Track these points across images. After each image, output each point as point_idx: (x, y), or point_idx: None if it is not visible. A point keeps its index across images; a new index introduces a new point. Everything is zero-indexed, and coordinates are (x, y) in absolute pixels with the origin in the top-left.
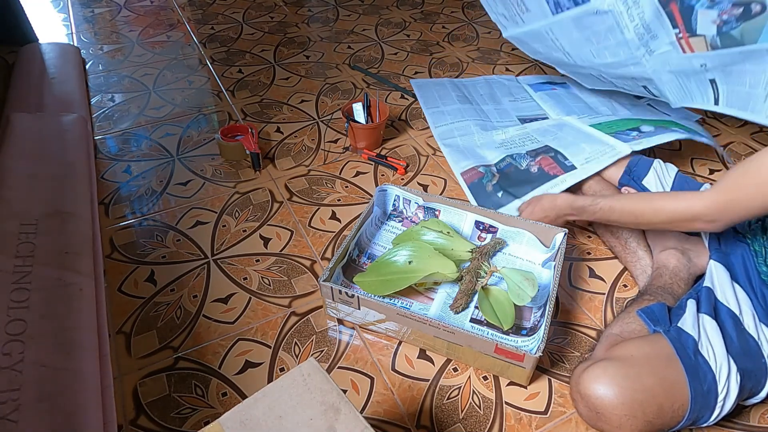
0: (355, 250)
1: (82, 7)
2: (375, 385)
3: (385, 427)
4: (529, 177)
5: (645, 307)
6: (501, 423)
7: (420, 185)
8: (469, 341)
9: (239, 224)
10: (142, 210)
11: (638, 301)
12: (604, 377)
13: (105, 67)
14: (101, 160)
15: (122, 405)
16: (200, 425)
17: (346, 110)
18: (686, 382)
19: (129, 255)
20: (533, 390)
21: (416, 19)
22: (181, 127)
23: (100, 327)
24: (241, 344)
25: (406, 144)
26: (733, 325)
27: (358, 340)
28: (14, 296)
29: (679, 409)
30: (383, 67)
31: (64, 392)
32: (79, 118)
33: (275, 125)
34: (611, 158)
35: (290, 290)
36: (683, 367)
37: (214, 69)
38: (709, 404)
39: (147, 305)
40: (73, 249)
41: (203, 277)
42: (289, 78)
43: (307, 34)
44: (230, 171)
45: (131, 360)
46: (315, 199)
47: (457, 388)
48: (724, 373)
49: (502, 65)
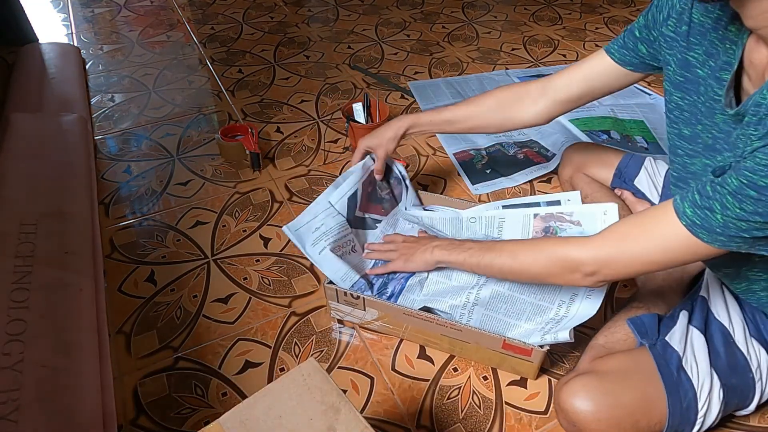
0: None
1: (82, 7)
2: (375, 385)
3: (385, 427)
4: (515, 161)
5: (635, 317)
6: (501, 423)
7: (420, 185)
8: (477, 338)
9: (239, 224)
10: (142, 210)
11: (628, 308)
12: (583, 392)
13: (105, 67)
14: (101, 160)
15: (122, 405)
16: (200, 425)
17: (346, 110)
18: (665, 399)
19: (129, 255)
20: (533, 390)
21: (416, 19)
22: (181, 127)
23: (99, 327)
24: (241, 344)
25: (406, 144)
26: (722, 340)
27: (358, 340)
28: (14, 296)
29: (657, 425)
30: (383, 67)
31: (64, 392)
32: (79, 118)
33: (275, 125)
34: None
35: (290, 290)
36: (663, 384)
37: (214, 69)
38: (689, 420)
39: (147, 305)
40: (73, 249)
41: (203, 277)
42: (289, 78)
43: (307, 34)
44: (230, 171)
45: (131, 360)
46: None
47: (457, 388)
48: (705, 389)
49: (502, 65)
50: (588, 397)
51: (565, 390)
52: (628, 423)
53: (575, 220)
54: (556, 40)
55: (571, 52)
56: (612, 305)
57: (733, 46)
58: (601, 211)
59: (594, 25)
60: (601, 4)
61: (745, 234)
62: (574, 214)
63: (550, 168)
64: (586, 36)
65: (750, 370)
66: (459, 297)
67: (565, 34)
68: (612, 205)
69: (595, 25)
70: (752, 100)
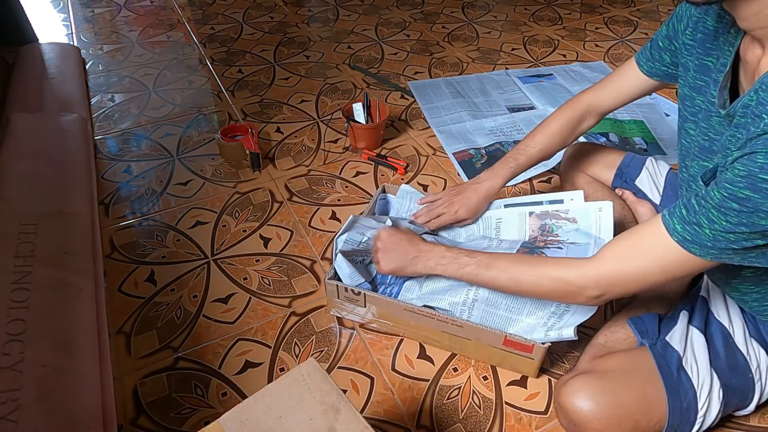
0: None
1: (82, 7)
2: (375, 385)
3: (385, 427)
4: None
5: (636, 317)
6: (501, 423)
7: (420, 185)
8: (478, 334)
9: (239, 224)
10: (142, 210)
11: (628, 307)
12: (583, 391)
13: (105, 67)
14: (101, 160)
15: (122, 405)
16: (200, 425)
17: (346, 110)
18: (666, 398)
19: (129, 255)
20: (533, 390)
21: (416, 19)
22: (181, 127)
23: (99, 327)
24: (241, 344)
25: (406, 144)
26: (722, 340)
27: (358, 340)
28: (14, 296)
29: (657, 424)
30: (383, 67)
31: (64, 392)
32: (79, 118)
33: (275, 125)
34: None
35: (290, 290)
36: (664, 384)
37: (214, 69)
38: (689, 419)
39: (147, 305)
40: (73, 249)
41: (203, 277)
42: (289, 78)
43: (307, 34)
44: (230, 171)
45: (131, 360)
46: (315, 199)
47: (457, 388)
48: (705, 389)
49: (502, 65)
50: (588, 396)
51: (566, 389)
52: (629, 422)
53: (570, 217)
54: (556, 40)
55: (571, 52)
56: (612, 305)
57: (730, 48)
58: (596, 208)
59: (594, 25)
60: (601, 4)
61: (735, 246)
62: (569, 211)
63: (549, 167)
64: (586, 36)
65: (750, 370)
66: (459, 294)
67: (565, 34)
68: (607, 202)
69: (595, 25)
70: (741, 101)
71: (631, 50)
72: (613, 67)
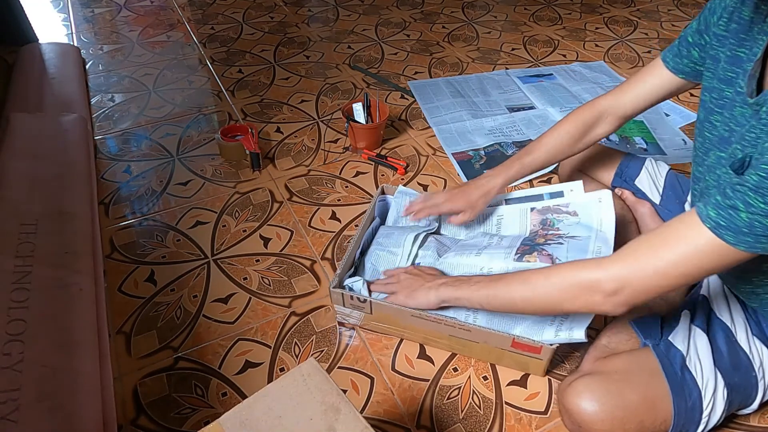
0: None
1: (82, 7)
2: (375, 385)
3: (385, 427)
4: None
5: (638, 318)
6: (501, 423)
7: (420, 185)
8: (486, 338)
9: (239, 224)
10: (142, 210)
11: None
12: (587, 392)
13: (105, 67)
14: (101, 160)
15: (122, 405)
16: (200, 425)
17: (346, 110)
18: (670, 398)
19: (129, 255)
20: (533, 390)
21: (416, 19)
22: (181, 127)
23: (99, 327)
24: (241, 344)
25: (406, 144)
26: (724, 339)
27: (358, 340)
28: (14, 296)
29: (662, 425)
30: (383, 67)
31: (64, 392)
32: (79, 118)
33: (275, 125)
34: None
35: (290, 290)
36: (668, 383)
37: (214, 69)
38: (694, 419)
39: (147, 305)
40: (73, 249)
41: (203, 277)
42: (289, 78)
43: (307, 34)
44: (230, 171)
45: (131, 360)
46: (315, 199)
47: (457, 388)
48: (710, 388)
49: (502, 65)
50: (593, 397)
51: (570, 391)
52: (633, 423)
53: (571, 210)
54: (556, 40)
55: (571, 52)
56: None
57: (765, 37)
58: (596, 199)
59: (594, 25)
60: (601, 4)
61: None
62: (570, 204)
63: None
64: (586, 36)
65: (753, 369)
66: None
67: (565, 34)
68: (605, 191)
69: (595, 25)
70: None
71: (631, 50)
72: (613, 67)
